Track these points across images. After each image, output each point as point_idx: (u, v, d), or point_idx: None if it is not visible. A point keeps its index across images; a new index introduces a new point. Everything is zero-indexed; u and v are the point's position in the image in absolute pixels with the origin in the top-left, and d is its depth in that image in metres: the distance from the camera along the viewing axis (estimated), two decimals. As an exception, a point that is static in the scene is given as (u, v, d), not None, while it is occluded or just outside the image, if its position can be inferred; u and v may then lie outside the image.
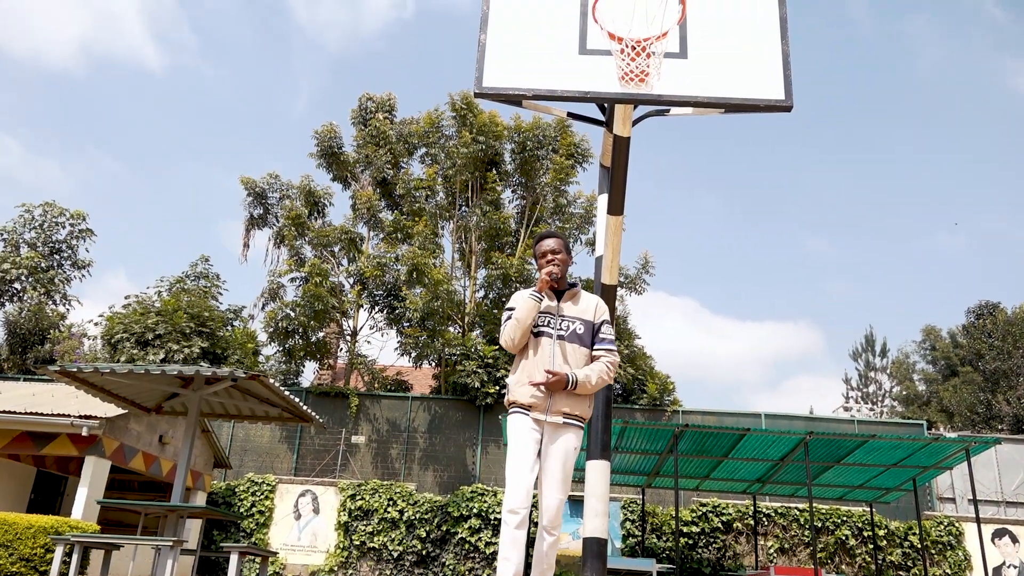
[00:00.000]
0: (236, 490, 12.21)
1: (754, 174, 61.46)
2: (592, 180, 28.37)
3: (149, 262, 61.25)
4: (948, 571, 11.26)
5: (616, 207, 5.86)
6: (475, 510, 11.69)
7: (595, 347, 3.80)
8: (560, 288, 3.91)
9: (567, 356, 3.72)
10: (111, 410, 10.14)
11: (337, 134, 18.90)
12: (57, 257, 20.17)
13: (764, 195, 61.73)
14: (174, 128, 67.70)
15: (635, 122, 5.57)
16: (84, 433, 9.57)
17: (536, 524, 3.97)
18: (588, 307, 3.88)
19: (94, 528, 9.08)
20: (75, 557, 7.86)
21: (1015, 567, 11.34)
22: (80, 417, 9.62)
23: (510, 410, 3.78)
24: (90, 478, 9.70)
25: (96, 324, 15.42)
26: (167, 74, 68.61)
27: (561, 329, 3.78)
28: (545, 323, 3.80)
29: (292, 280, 17.97)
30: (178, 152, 64.96)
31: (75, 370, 8.64)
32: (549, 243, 3.94)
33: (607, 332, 3.88)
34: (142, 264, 61.23)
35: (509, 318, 3.81)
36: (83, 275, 20.77)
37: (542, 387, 3.63)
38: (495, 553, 11.49)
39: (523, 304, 3.77)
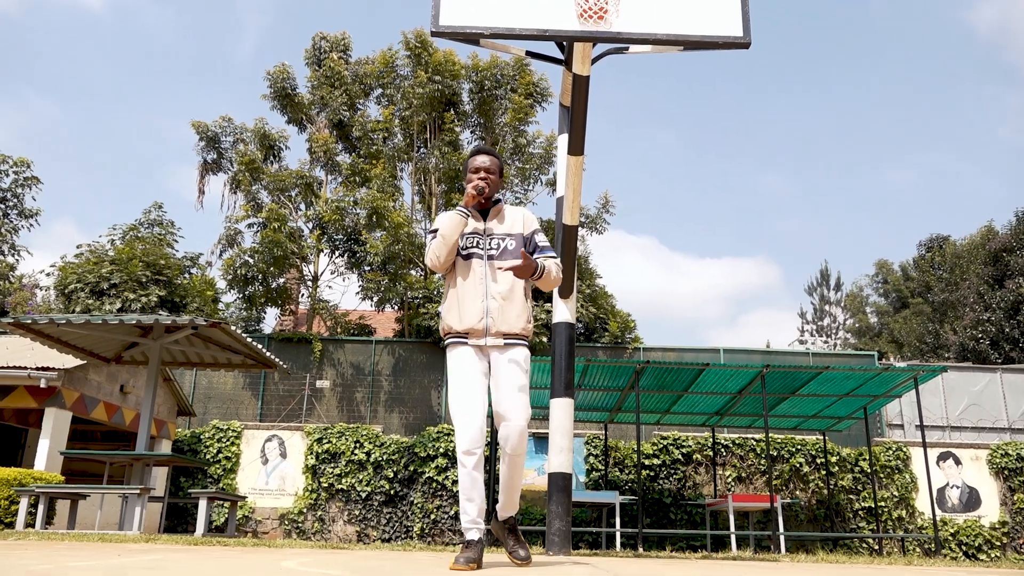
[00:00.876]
0: (201, 437, 12.21)
1: (710, 111, 61.50)
2: (552, 120, 28.13)
3: (99, 211, 59.60)
4: (895, 493, 11.81)
5: (576, 147, 5.85)
6: (441, 450, 11.87)
7: (536, 257, 3.56)
8: (487, 208, 3.67)
9: (498, 277, 3.50)
10: (69, 361, 10.00)
11: (290, 75, 18.40)
12: (3, 206, 19.54)
13: (720, 132, 61.92)
14: (117, 72, 65.16)
15: (594, 60, 5.53)
16: (42, 385, 9.45)
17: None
18: (515, 221, 3.65)
19: (59, 479, 9.05)
20: (41, 508, 7.84)
21: (957, 487, 11.93)
22: (37, 369, 9.48)
23: (446, 340, 3.55)
24: (51, 430, 9.61)
25: (48, 275, 15.08)
26: (108, 14, 65.68)
27: (492, 248, 3.56)
28: (474, 244, 3.57)
29: (250, 226, 17.69)
30: (122, 97, 62.65)
31: (30, 322, 8.48)
32: (482, 159, 3.67)
33: (543, 240, 3.66)
34: (91, 213, 59.58)
35: (435, 237, 3.56)
36: (31, 224, 20.20)
37: (517, 270, 3.39)
38: (462, 491, 11.72)
39: (449, 220, 3.53)
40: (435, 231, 3.57)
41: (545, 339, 14.33)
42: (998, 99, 57.11)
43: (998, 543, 11.55)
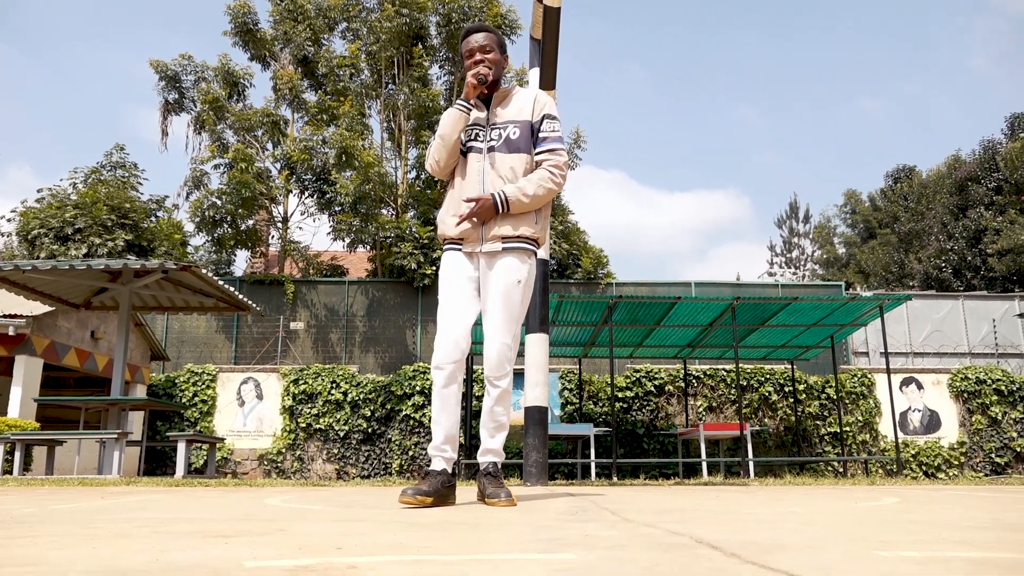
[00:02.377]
0: (176, 381, 12.20)
1: (681, 46, 60.75)
2: (521, 54, 27.64)
3: (56, 154, 57.96)
4: (860, 418, 12.20)
5: (548, 81, 5.78)
6: (418, 388, 11.99)
7: (537, 151, 3.05)
8: (490, 95, 3.14)
9: (501, 172, 2.99)
10: (37, 308, 9.88)
11: (251, 9, 17.79)
12: (-44, 151, 18.91)
13: (691, 65, 61.31)
14: (68, 9, 62.54)
15: (564, -9, 5.42)
16: (11, 332, 9.34)
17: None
18: (524, 105, 3.09)
19: (33, 426, 9.03)
20: (17, 455, 7.84)
21: (919, 410, 12.35)
22: (5, 316, 9.35)
23: (444, 247, 3.12)
24: (23, 377, 9.55)
25: (9, 220, 14.71)
26: (55, -56, 62.64)
27: (492, 140, 3.04)
28: (473, 137, 3.07)
29: (216, 167, 17.33)
30: (75, 35, 60.33)
31: (-6, 269, 8.32)
32: (477, 38, 3.11)
33: (549, 129, 3.07)
34: (48, 157, 57.90)
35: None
36: (-12, 169, 19.59)
37: (470, 220, 2.96)
38: (439, 427, 11.89)
39: (447, 118, 3.06)
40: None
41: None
42: (967, 28, 57.03)
43: (956, 462, 12.03)
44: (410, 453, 11.81)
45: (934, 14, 56.48)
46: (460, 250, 3.04)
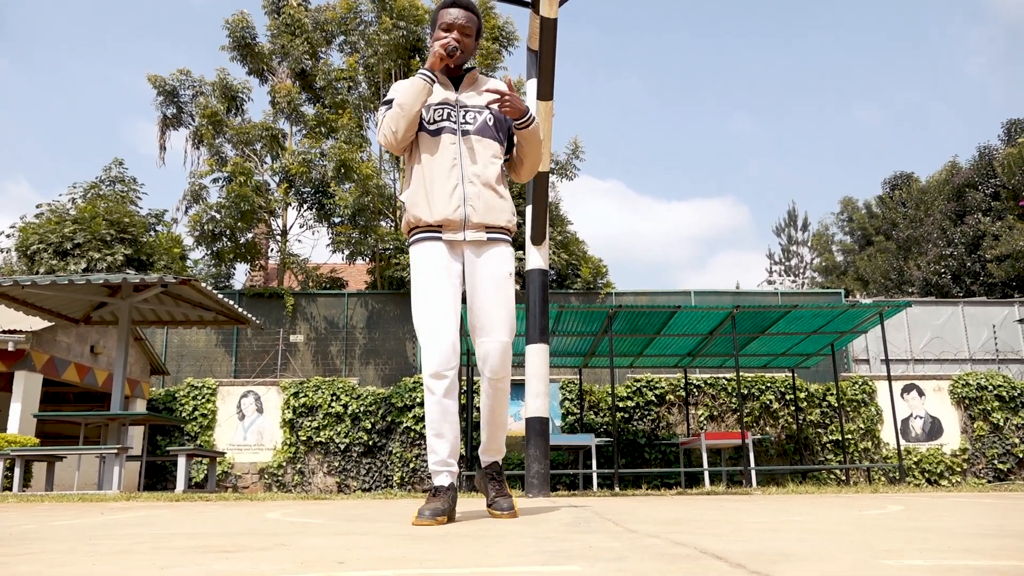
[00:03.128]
0: (176, 395, 12.17)
1: (677, 55, 61.00)
2: (518, 64, 27.75)
3: (53, 170, 58.05)
4: (861, 425, 12.17)
5: (545, 92, 5.79)
6: (418, 399, 11.97)
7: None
8: (459, 75, 2.97)
9: (477, 156, 2.83)
10: (37, 323, 9.86)
11: (249, 24, 17.88)
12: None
13: (687, 75, 61.54)
14: (65, 24, 62.80)
15: (561, 1, 5.45)
16: (10, 348, 9.32)
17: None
18: (493, 90, 2.93)
19: (33, 442, 9.00)
20: (17, 471, 7.81)
21: (920, 417, 12.32)
22: (5, 332, 9.35)
23: (411, 237, 2.85)
24: (22, 393, 9.52)
25: (8, 236, 14.71)
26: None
27: (467, 122, 2.86)
28: (444, 116, 2.86)
29: (215, 181, 17.36)
30: (73, 50, 60.55)
31: (-7, 285, 8.32)
32: (456, 13, 2.91)
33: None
34: (46, 172, 57.98)
35: (389, 108, 2.83)
36: (-13, 185, 19.61)
37: (503, 100, 2.78)
38: (440, 438, 11.85)
39: (409, 86, 2.81)
40: (389, 101, 2.86)
41: (519, 286, 14.39)
42: (963, 36, 57.30)
43: (959, 469, 12.00)
44: (411, 465, 11.77)
45: (929, 21, 56.78)
46: (439, 238, 2.79)
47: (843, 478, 11.69)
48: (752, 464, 10.36)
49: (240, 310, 9.94)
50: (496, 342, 2.75)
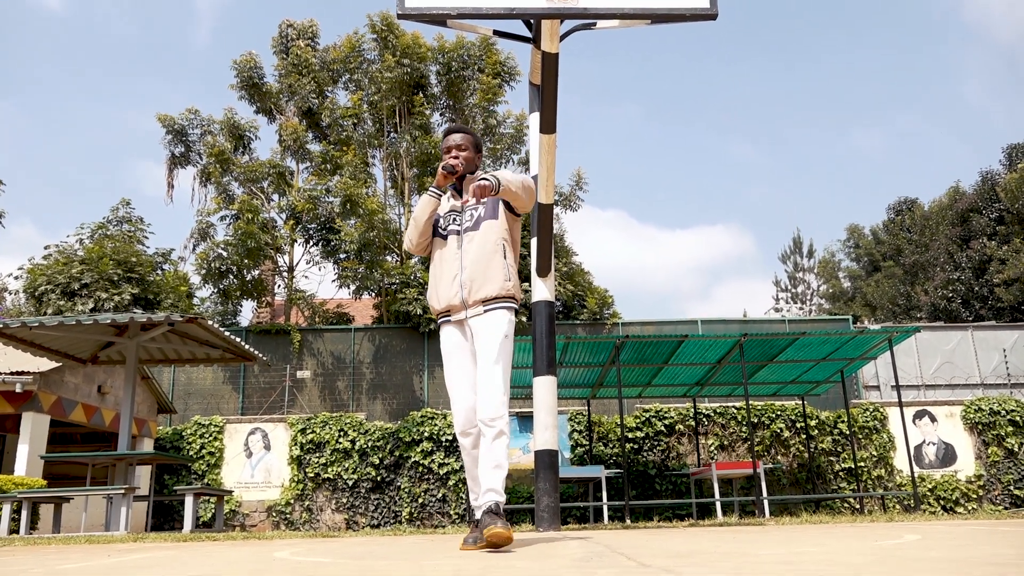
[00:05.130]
0: (183, 434, 12.13)
1: (676, 83, 61.54)
2: (521, 99, 28.04)
3: (60, 211, 58.50)
4: (874, 453, 12.04)
5: (548, 125, 5.84)
6: (426, 434, 11.90)
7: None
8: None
9: (472, 247, 3.40)
10: (44, 364, 9.87)
11: (257, 64, 18.13)
12: (-36, 210, 19.10)
13: (687, 104, 62.01)
14: (72, 67, 63.76)
15: (562, 37, 5.51)
16: (18, 389, 9.32)
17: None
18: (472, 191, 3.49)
19: (40, 483, 8.96)
20: (24, 514, 7.77)
21: (933, 443, 12.19)
22: (12, 374, 9.35)
23: (437, 320, 3.56)
24: (30, 434, 9.50)
25: (17, 278, 14.80)
26: (60, 6, 64.16)
27: (466, 223, 3.48)
28: (452, 221, 3.51)
29: (222, 219, 17.48)
30: (80, 92, 61.37)
31: (1, 326, 8.35)
32: (454, 138, 3.58)
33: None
34: (52, 213, 58.44)
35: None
36: (-3, 227, 19.80)
37: (478, 197, 3.28)
38: (448, 473, 11.78)
39: (419, 202, 3.53)
40: None
41: (525, 319, 14.37)
42: (959, 59, 57.72)
43: (974, 496, 11.83)
44: (420, 501, 11.67)
45: (926, 46, 57.25)
46: (450, 321, 3.46)
47: (857, 507, 11.54)
48: (764, 494, 10.24)
49: (247, 347, 9.94)
50: (488, 390, 3.23)
